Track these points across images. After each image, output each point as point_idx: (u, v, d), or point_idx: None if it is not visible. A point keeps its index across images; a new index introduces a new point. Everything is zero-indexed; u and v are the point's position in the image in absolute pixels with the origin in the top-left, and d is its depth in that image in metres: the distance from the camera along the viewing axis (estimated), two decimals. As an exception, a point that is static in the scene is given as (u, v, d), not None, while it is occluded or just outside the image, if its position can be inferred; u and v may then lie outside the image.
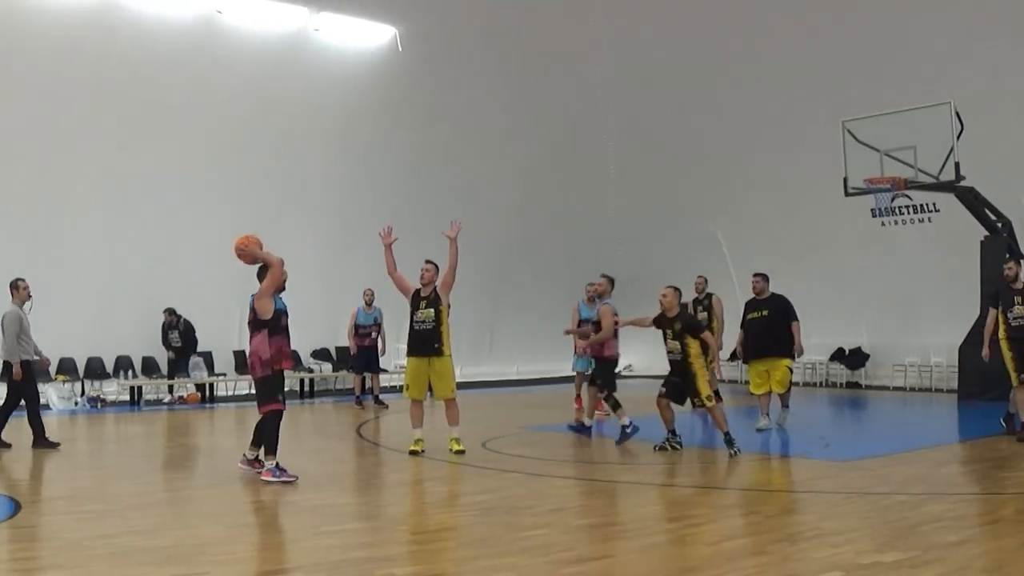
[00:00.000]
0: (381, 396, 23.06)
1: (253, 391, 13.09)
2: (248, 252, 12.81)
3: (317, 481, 12.66)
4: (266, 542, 9.14)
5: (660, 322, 15.10)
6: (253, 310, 12.68)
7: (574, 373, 18.82)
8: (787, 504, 10.77)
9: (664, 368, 15.28)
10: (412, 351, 15.35)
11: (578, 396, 18.22)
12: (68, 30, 22.86)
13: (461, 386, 17.71)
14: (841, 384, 27.03)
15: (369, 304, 22.96)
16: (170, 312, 24.35)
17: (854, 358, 27.03)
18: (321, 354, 27.43)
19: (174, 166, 24.67)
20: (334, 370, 27.22)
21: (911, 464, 13.40)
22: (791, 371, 17.10)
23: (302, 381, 26.23)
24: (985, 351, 16.05)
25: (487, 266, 28.07)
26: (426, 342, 15.17)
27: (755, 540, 9.16)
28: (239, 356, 25.88)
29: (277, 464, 12.02)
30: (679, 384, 14.84)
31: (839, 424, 20.34)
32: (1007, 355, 15.71)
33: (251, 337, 12.57)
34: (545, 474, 13.05)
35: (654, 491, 11.94)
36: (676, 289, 15.40)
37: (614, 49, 28.26)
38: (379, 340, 23.12)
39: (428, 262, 15.84)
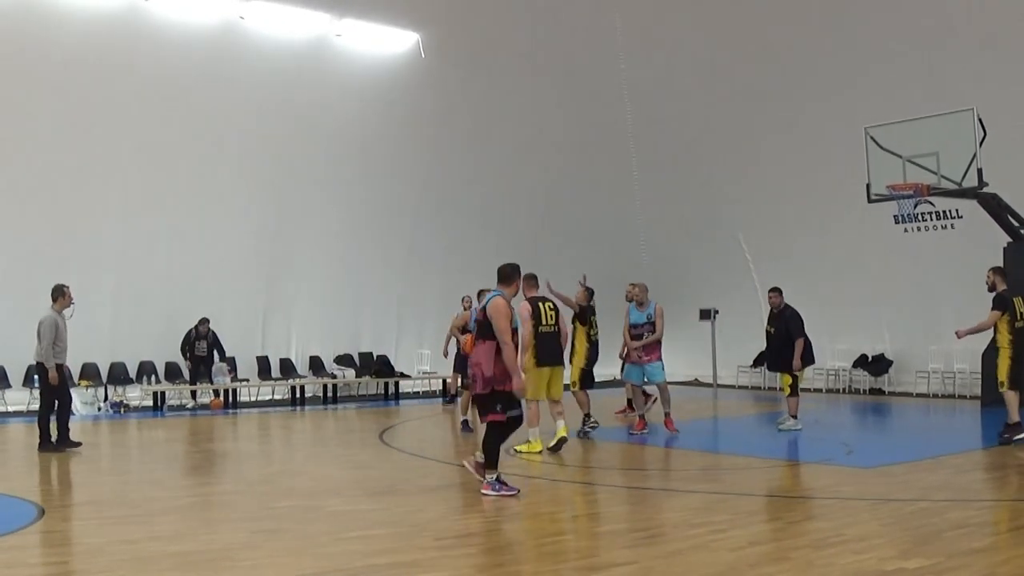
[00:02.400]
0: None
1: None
2: None
3: (340, 487, 12.71)
4: (290, 547, 9.15)
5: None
6: (483, 311, 11.76)
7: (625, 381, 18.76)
8: (810, 510, 10.76)
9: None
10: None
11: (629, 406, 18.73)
12: (91, 35, 22.90)
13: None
14: (864, 391, 26.92)
15: (467, 308, 22.83)
16: (203, 322, 24.41)
17: (877, 364, 26.92)
18: (344, 360, 27.45)
19: (198, 172, 24.76)
20: (357, 376, 27.24)
21: (934, 471, 13.38)
22: (794, 380, 17.86)
23: (325, 387, 26.27)
24: (962, 332, 16.53)
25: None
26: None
27: (778, 546, 9.15)
28: (262, 362, 25.98)
29: (497, 477, 11.69)
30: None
31: (862, 430, 20.28)
32: (1005, 362, 15.94)
33: (476, 343, 11.73)
34: (568, 480, 13.06)
35: (676, 497, 11.94)
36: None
37: (637, 58, 28.21)
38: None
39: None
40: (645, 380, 17.48)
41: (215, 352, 24.63)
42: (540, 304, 15.43)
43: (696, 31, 27.50)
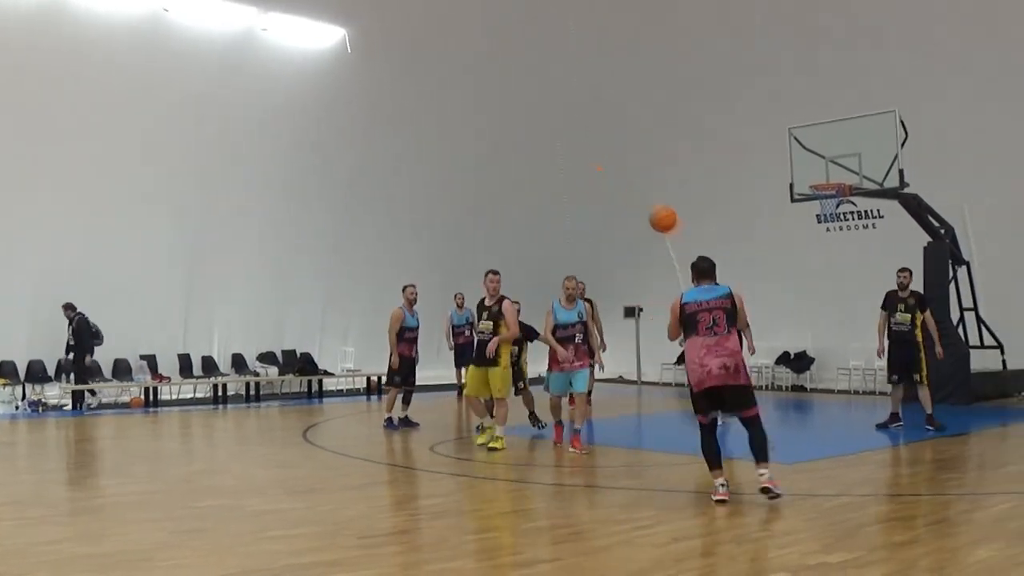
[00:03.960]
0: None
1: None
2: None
3: (262, 486, 12.59)
4: (211, 547, 9.04)
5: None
6: (731, 299, 11.22)
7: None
8: (733, 506, 10.79)
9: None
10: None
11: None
12: (7, 28, 22.60)
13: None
14: (787, 387, 27.18)
15: (460, 306, 22.80)
16: (68, 307, 23.31)
17: (799, 362, 27.20)
18: (267, 357, 27.26)
19: (119, 166, 24.43)
20: (280, 373, 27.06)
21: (855, 466, 13.52)
22: None
23: (248, 385, 26.06)
24: (882, 346, 17.68)
25: (437, 265, 28.05)
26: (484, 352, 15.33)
27: (703, 542, 9.18)
28: (184, 359, 25.73)
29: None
30: None
31: (784, 427, 20.40)
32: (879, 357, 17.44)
33: (729, 331, 11.01)
34: (494, 477, 13.03)
35: (601, 494, 11.96)
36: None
37: (566, 53, 28.26)
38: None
39: (494, 272, 15.81)
40: (568, 391, 15.66)
41: (88, 340, 23.36)
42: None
43: (624, 33, 27.61)
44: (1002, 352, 23.40)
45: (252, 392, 26.06)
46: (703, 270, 11.48)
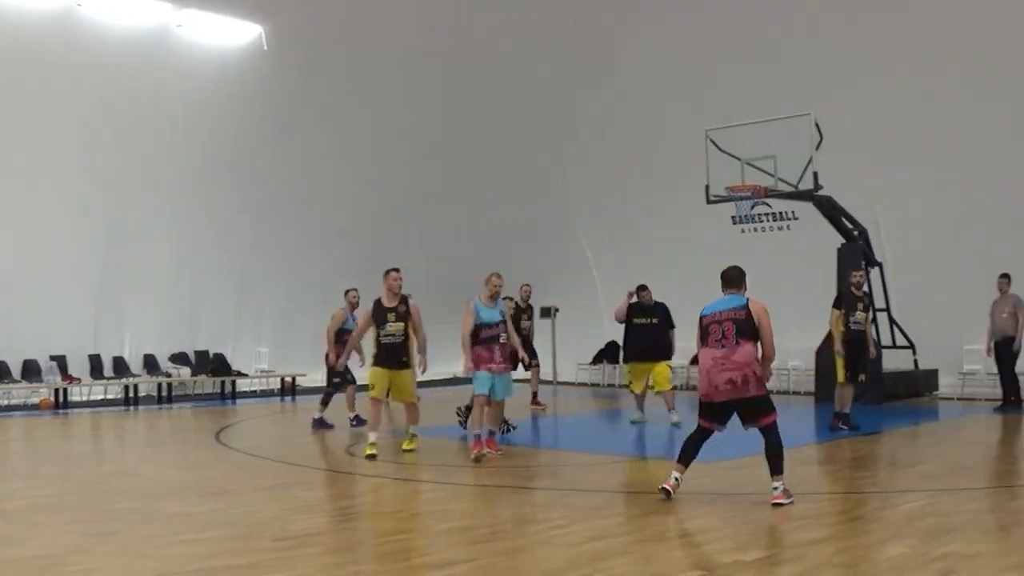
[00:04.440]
0: None
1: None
2: None
3: (175, 488, 12.43)
4: (122, 551, 8.89)
5: None
6: (747, 311, 11.16)
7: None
8: (650, 505, 10.80)
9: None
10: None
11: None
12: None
13: (323, 391, 17.65)
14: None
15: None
16: None
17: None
18: (180, 358, 26.96)
19: (29, 164, 24.03)
20: (193, 374, 26.77)
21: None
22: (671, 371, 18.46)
23: (160, 386, 25.76)
24: (839, 346, 17.36)
25: (346, 270, 27.93)
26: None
27: (619, 541, 9.16)
28: (94, 360, 25.37)
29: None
30: None
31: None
32: (839, 356, 17.34)
33: (739, 342, 10.88)
34: (408, 478, 12.96)
35: (517, 494, 11.93)
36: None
37: (480, 51, 28.23)
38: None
39: (396, 270, 15.17)
40: (489, 395, 14.59)
41: None
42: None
43: (545, 31, 27.64)
44: (914, 352, 23.69)
45: (164, 393, 25.77)
46: (730, 278, 11.61)
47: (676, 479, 10.88)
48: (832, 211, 22.47)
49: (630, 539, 9.24)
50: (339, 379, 18.60)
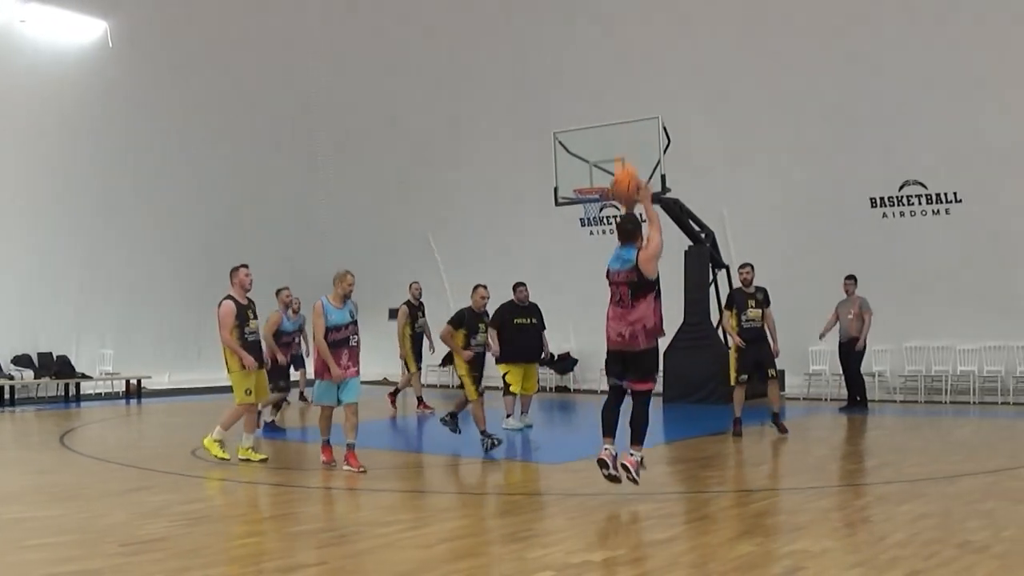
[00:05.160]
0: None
1: None
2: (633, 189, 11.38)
3: (19, 493, 12.16)
4: (-39, 557, 8.69)
5: None
6: (636, 271, 11.03)
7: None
8: (500, 506, 10.86)
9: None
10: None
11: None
12: None
13: (170, 393, 17.36)
14: (551, 388, 27.52)
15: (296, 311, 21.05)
16: None
17: (563, 363, 27.58)
18: (22, 360, 26.30)
19: None
20: (36, 377, 26.14)
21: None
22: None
23: (1, 389, 25.10)
24: (739, 341, 17.10)
25: (193, 270, 27.61)
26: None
27: (469, 542, 9.19)
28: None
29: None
30: None
31: (549, 428, 20.64)
32: (732, 356, 17.15)
33: (634, 304, 10.98)
34: (258, 481, 12.83)
35: (367, 496, 11.88)
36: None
37: (330, 54, 28.07)
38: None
39: (246, 266, 14.85)
40: (338, 401, 13.72)
41: None
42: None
43: (389, 34, 27.59)
44: (761, 353, 24.07)
45: (6, 396, 25.10)
46: (625, 231, 11.44)
47: (607, 449, 10.89)
48: (680, 214, 22.79)
49: (480, 540, 9.28)
50: (284, 382, 18.31)
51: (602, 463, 10.77)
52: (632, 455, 10.87)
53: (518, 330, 18.23)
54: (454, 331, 15.32)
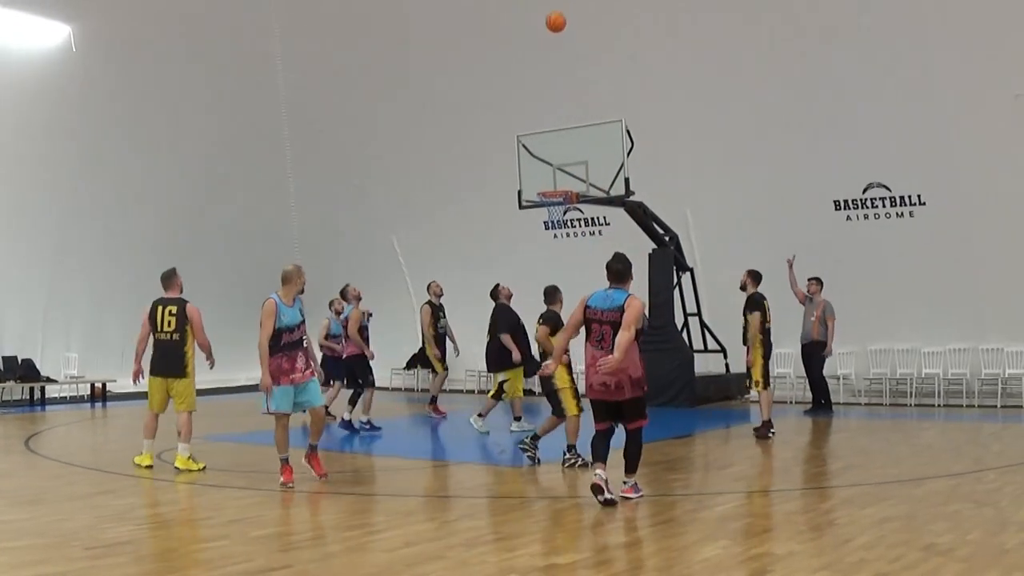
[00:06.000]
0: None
1: None
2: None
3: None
4: (-76, 562, 8.63)
5: None
6: (621, 311, 10.83)
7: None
8: (465, 510, 10.87)
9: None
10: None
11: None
12: None
13: (135, 396, 17.27)
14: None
15: (339, 312, 21.02)
16: None
17: (529, 366, 27.54)
18: (-17, 364, 26.18)
19: None
20: (0, 381, 25.96)
21: (584, 469, 13.76)
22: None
23: (-38, 392, 24.97)
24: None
25: (155, 269, 27.45)
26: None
27: (434, 546, 9.19)
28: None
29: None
30: None
31: (516, 431, 20.66)
32: (759, 360, 17.06)
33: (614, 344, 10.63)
34: (223, 485, 12.79)
35: (331, 500, 11.88)
36: None
37: (297, 58, 27.98)
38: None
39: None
40: (302, 408, 12.82)
41: None
42: (160, 308, 14.84)
43: (356, 37, 27.53)
44: (725, 356, 24.06)
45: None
46: (615, 272, 11.52)
47: (598, 475, 10.77)
48: (644, 217, 22.85)
49: (445, 544, 9.28)
50: (362, 379, 18.72)
51: (596, 488, 10.64)
52: (626, 483, 11.03)
53: (523, 335, 18.57)
54: (549, 333, 14.45)
